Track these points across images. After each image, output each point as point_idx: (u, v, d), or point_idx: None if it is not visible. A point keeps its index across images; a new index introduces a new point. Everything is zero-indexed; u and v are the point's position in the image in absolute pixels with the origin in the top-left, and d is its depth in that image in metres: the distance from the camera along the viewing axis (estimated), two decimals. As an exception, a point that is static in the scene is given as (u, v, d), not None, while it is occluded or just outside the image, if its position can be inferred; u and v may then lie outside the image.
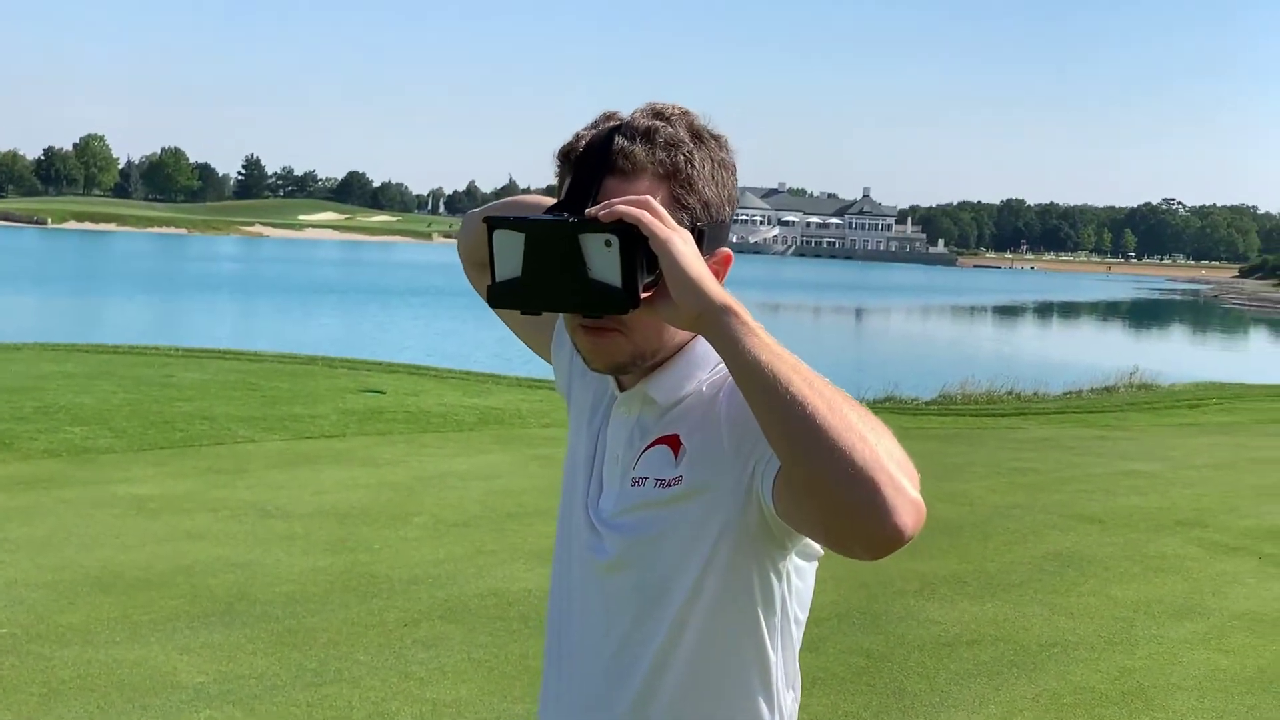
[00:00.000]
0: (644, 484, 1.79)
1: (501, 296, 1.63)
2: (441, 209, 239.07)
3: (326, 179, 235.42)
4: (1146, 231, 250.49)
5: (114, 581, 6.91)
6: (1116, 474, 12.09)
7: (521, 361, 17.51)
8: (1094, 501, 10.52)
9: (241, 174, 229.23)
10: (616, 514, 1.83)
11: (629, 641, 1.80)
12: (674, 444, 1.78)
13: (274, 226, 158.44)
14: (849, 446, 1.45)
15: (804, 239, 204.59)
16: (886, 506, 1.43)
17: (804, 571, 1.83)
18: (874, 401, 18.13)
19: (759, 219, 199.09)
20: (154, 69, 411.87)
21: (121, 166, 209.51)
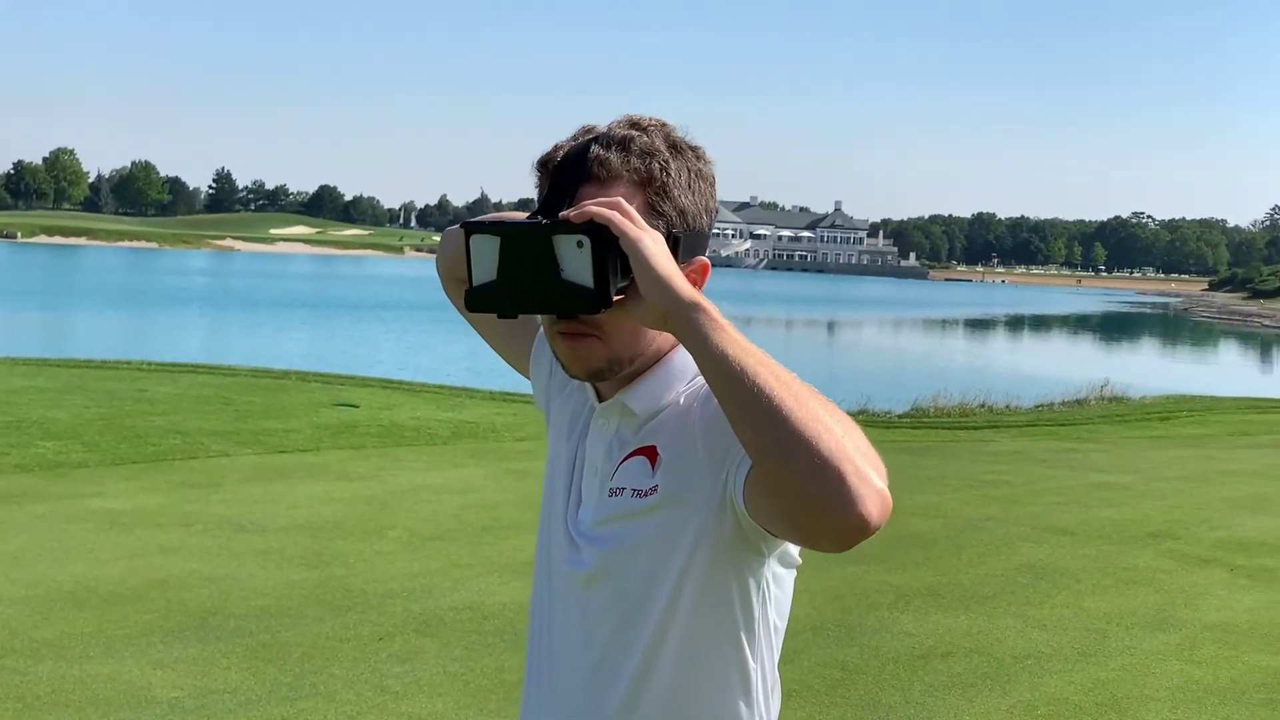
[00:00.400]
0: (621, 494, 1.81)
1: (478, 300, 1.65)
2: (413, 223, 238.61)
3: (298, 193, 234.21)
4: (1116, 245, 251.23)
5: (88, 596, 6.88)
6: (1088, 486, 12.18)
7: (495, 375, 17.49)
8: (1066, 514, 10.59)
9: (212, 188, 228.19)
10: (594, 525, 1.84)
11: (610, 652, 1.82)
12: (651, 455, 1.80)
13: (245, 240, 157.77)
14: (814, 437, 1.47)
15: (776, 252, 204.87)
16: (852, 496, 1.46)
17: (782, 579, 1.85)
18: (847, 414, 18.10)
19: (731, 232, 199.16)
20: (124, 82, 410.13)
21: (92, 180, 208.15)
